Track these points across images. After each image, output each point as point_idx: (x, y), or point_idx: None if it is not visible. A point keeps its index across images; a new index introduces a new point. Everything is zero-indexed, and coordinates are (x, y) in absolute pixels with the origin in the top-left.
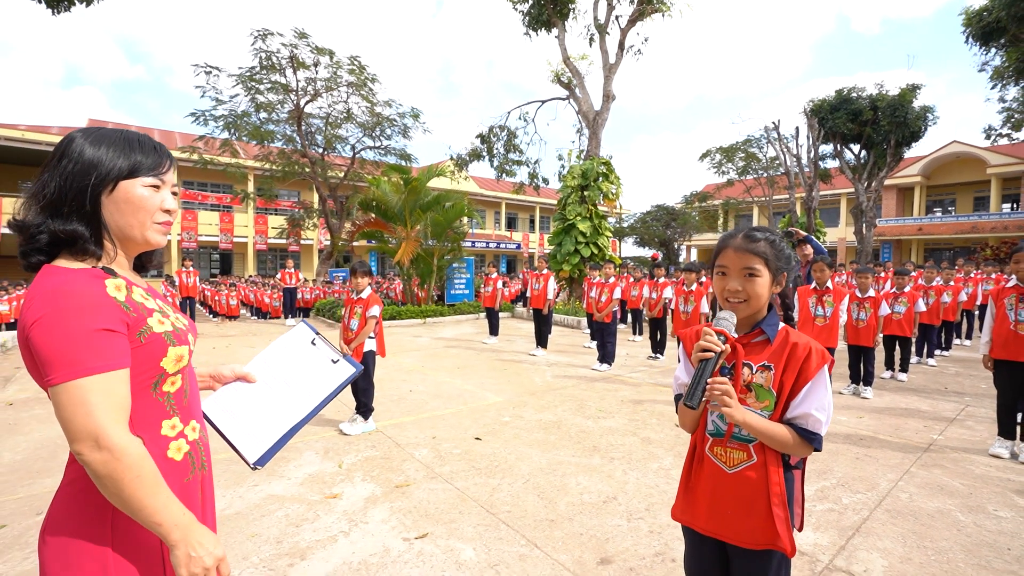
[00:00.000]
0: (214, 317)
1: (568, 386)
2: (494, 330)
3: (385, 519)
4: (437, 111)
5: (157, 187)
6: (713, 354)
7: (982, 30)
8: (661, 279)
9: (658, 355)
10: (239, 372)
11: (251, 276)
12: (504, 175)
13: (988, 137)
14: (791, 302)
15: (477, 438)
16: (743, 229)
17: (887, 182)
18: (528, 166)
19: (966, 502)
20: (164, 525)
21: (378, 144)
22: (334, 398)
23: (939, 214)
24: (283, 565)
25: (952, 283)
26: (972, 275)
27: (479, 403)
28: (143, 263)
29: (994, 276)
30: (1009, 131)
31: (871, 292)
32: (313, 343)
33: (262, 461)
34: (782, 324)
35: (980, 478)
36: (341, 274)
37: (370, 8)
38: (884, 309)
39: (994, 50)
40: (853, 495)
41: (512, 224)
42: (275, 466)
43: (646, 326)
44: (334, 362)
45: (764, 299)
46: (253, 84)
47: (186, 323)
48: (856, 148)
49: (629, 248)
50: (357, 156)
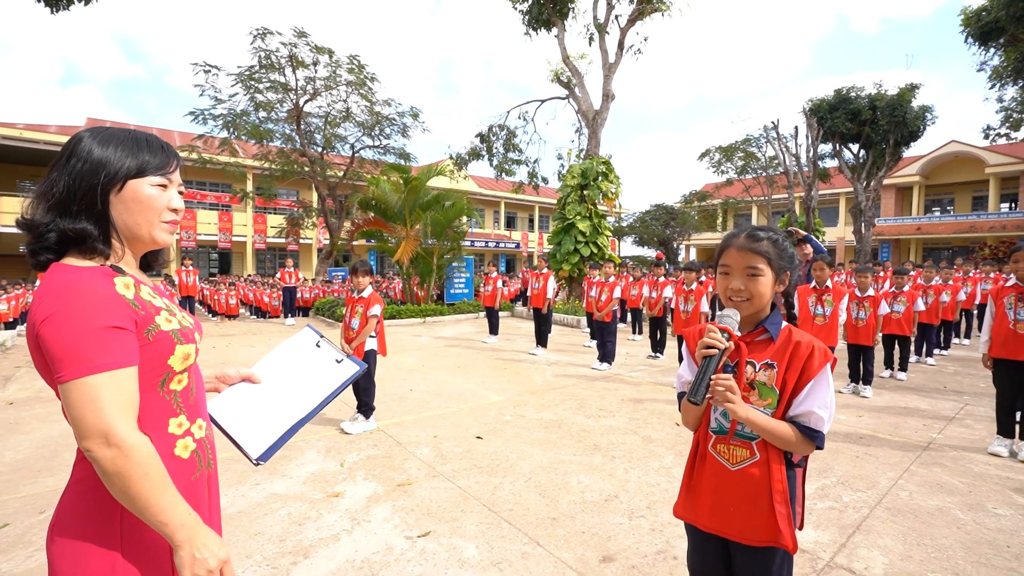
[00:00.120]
0: (213, 316)
1: (568, 385)
2: (494, 329)
3: (387, 517)
4: (436, 110)
5: (164, 186)
6: (717, 351)
7: (981, 30)
8: (660, 278)
9: (658, 354)
10: (244, 373)
11: (250, 275)
12: (503, 174)
13: (987, 137)
14: (793, 301)
15: (478, 437)
16: (746, 228)
17: (886, 181)
18: (527, 165)
19: (966, 500)
20: (170, 525)
21: (377, 143)
22: (337, 396)
23: (938, 213)
24: (286, 563)
25: (951, 282)
26: (971, 275)
27: (480, 402)
28: (149, 262)
29: (992, 276)
30: (1007, 131)
31: (870, 291)
32: (318, 345)
33: (264, 457)
34: (785, 323)
35: (979, 476)
36: (340, 273)
37: (369, 7)
38: (883, 308)
39: (993, 50)
40: (853, 493)
41: (511, 223)
42: (277, 465)
43: (646, 325)
44: (338, 362)
45: (767, 298)
46: (252, 83)
47: (192, 321)
48: (855, 147)
49: (628, 247)
50: (356, 155)
